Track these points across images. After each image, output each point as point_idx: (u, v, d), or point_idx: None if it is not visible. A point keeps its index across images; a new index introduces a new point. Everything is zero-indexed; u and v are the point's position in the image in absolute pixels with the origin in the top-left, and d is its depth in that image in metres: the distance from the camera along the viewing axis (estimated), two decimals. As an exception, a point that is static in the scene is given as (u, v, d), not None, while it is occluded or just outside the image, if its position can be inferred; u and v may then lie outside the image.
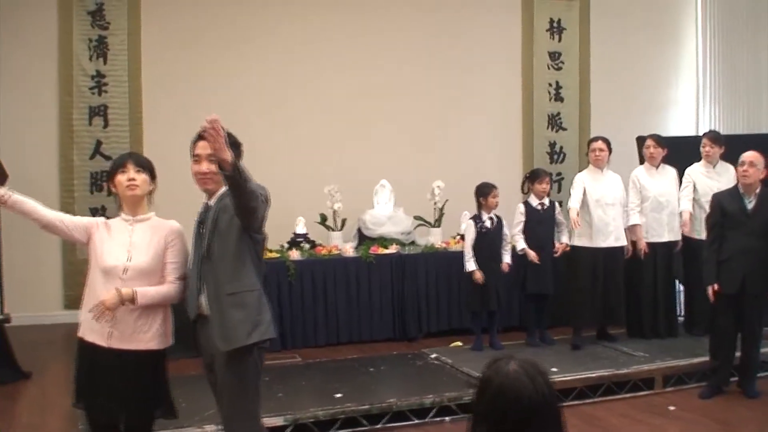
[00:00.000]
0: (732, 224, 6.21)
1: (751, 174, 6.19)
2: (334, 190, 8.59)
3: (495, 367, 2.21)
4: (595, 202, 7.37)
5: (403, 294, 8.23)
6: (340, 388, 6.15)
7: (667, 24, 10.94)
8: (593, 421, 5.95)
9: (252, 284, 3.90)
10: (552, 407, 2.19)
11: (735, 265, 6.19)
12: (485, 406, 2.18)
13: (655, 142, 7.69)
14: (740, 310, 6.27)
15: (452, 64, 9.88)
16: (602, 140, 7.59)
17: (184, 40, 9.15)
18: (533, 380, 2.17)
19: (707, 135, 7.79)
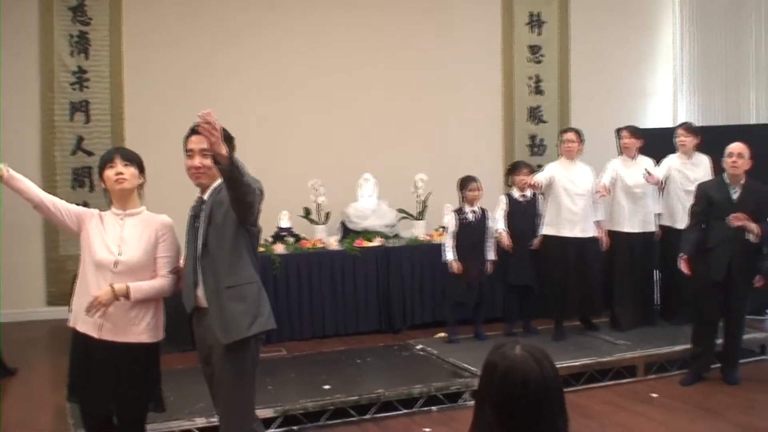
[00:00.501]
0: (718, 214, 6.31)
1: (740, 165, 6.31)
2: (318, 184, 8.64)
3: (501, 351, 2.21)
4: (564, 192, 7.40)
5: (388, 286, 8.30)
6: (328, 380, 6.22)
7: (645, 15, 11.05)
8: (577, 408, 6.02)
9: (250, 276, 3.93)
10: (558, 391, 2.20)
11: (720, 254, 6.31)
12: (492, 391, 2.18)
13: (630, 133, 7.74)
14: (725, 298, 6.38)
15: (433, 58, 9.93)
16: (573, 131, 7.65)
17: (166, 36, 9.15)
18: (540, 364, 2.18)
19: (682, 126, 7.88)
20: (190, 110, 8.88)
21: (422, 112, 9.83)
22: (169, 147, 8.75)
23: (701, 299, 6.56)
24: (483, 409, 2.20)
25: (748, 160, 6.33)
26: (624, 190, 7.64)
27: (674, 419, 5.79)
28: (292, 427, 5.62)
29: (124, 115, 9.10)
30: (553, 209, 7.42)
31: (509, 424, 2.14)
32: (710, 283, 6.39)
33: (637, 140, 7.70)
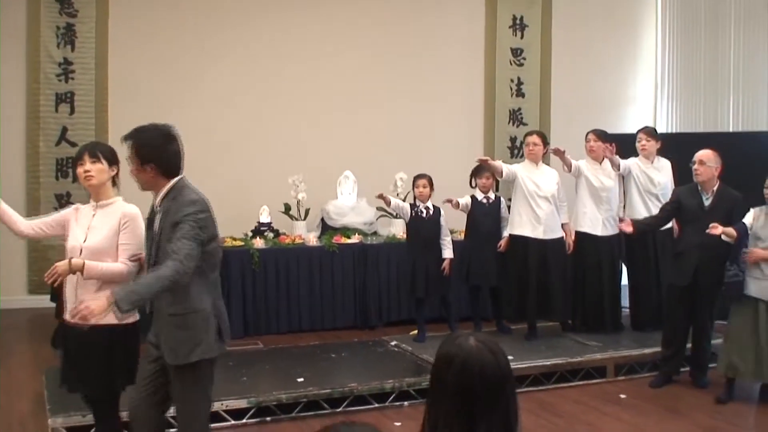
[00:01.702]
0: (689, 219, 6.43)
1: (702, 172, 6.41)
2: (299, 180, 8.71)
3: (456, 343, 2.22)
4: (528, 195, 7.48)
5: (365, 283, 8.38)
6: (303, 373, 6.30)
7: (627, 23, 11.17)
8: (547, 407, 6.16)
9: (195, 306, 3.86)
10: (511, 380, 2.23)
11: (689, 259, 6.43)
12: (449, 382, 2.18)
13: (596, 137, 7.80)
14: (692, 303, 6.51)
15: (417, 59, 10.02)
16: (537, 134, 7.74)
17: (152, 29, 9.21)
18: (494, 354, 2.20)
19: (643, 130, 7.95)
20: (174, 102, 9.08)
21: (404, 111, 9.92)
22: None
23: (669, 303, 6.72)
24: (437, 403, 2.22)
25: (714, 167, 6.42)
26: (590, 193, 7.73)
27: (642, 420, 5.90)
28: (265, 418, 5.70)
29: (108, 106, 9.15)
30: (517, 211, 7.51)
31: (466, 415, 2.17)
32: (677, 287, 6.54)
33: (604, 144, 7.78)
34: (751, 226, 6.09)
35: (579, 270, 7.77)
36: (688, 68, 10.60)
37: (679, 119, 10.73)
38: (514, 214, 7.56)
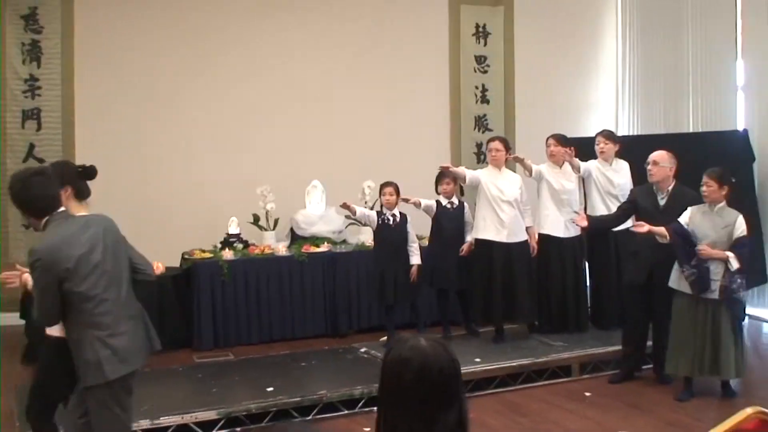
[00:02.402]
0: (645, 218, 6.53)
1: (656, 172, 6.57)
2: (267, 191, 8.78)
3: (409, 345, 2.23)
4: (492, 199, 7.60)
5: (335, 291, 8.46)
6: (273, 382, 6.37)
7: (588, 29, 11.32)
8: (514, 407, 6.27)
9: (72, 336, 4.07)
10: (460, 375, 2.29)
11: (644, 257, 6.57)
12: (409, 385, 2.18)
13: (556, 141, 7.95)
14: (650, 300, 6.65)
15: (382, 67, 10.10)
16: (499, 140, 7.89)
17: (118, 45, 9.22)
18: (447, 350, 2.25)
19: (601, 133, 8.11)
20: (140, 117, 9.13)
21: (371, 120, 10.00)
22: (120, 153, 8.93)
23: (627, 302, 6.88)
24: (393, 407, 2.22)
25: (668, 167, 6.58)
26: (551, 196, 7.87)
27: (606, 417, 6.02)
28: (234, 429, 5.77)
29: (75, 122, 9.17)
30: (482, 216, 7.64)
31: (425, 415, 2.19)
32: (634, 285, 6.69)
33: (564, 148, 7.93)
34: (687, 225, 6.23)
35: (543, 272, 7.90)
36: (648, 72, 10.78)
37: (639, 122, 10.90)
38: (479, 218, 7.68)
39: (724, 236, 6.11)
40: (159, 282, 7.88)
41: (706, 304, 6.15)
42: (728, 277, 6.05)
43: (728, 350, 6.12)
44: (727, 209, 6.19)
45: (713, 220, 6.16)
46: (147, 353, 4.41)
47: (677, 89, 10.25)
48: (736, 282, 6.06)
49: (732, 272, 6.03)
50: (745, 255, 6.07)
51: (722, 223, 6.13)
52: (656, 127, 10.52)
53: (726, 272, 6.05)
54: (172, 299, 8.06)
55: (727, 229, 6.11)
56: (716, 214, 6.17)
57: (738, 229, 6.10)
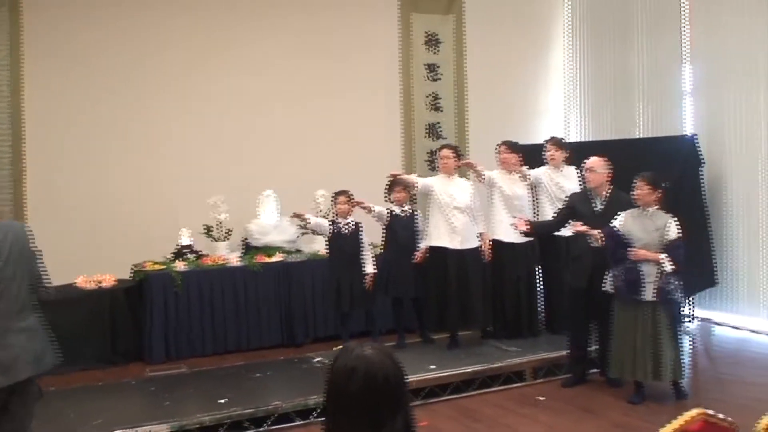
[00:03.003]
0: (583, 224, 6.66)
1: (592, 179, 6.72)
2: (219, 201, 8.71)
3: (354, 354, 2.24)
4: (444, 206, 7.69)
5: (289, 301, 8.42)
6: (226, 394, 6.33)
7: (538, 37, 11.42)
8: (468, 413, 6.31)
9: None
10: (407, 383, 2.29)
11: (584, 262, 6.68)
12: (354, 394, 2.19)
13: (506, 148, 8.05)
14: (592, 304, 6.74)
15: (333, 75, 10.07)
16: (449, 148, 8.00)
17: (68, 55, 9.05)
18: (392, 358, 2.26)
19: (550, 140, 8.21)
20: (90, 127, 9.00)
21: (323, 128, 9.97)
22: (70, 164, 8.80)
23: (571, 306, 6.97)
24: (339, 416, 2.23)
25: (604, 173, 6.70)
26: (503, 202, 7.94)
27: (559, 421, 6.08)
28: (188, 442, 5.73)
29: (25, 133, 8.99)
30: (434, 223, 7.70)
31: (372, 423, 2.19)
32: (576, 290, 6.78)
33: (515, 155, 8.00)
34: (621, 228, 6.32)
35: (497, 277, 7.97)
36: (597, 79, 10.92)
37: (589, 128, 11.03)
38: (431, 226, 7.73)
39: (657, 239, 6.22)
40: (111, 295, 7.87)
41: (644, 306, 6.24)
42: (663, 278, 6.14)
43: (666, 352, 6.22)
44: (660, 212, 6.30)
45: (645, 224, 6.27)
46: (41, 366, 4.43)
47: (626, 95, 10.39)
48: (671, 283, 6.17)
49: (666, 274, 6.13)
50: (678, 257, 6.17)
51: (654, 226, 6.24)
52: (606, 133, 10.65)
53: (661, 274, 6.14)
54: (124, 312, 7.99)
55: (659, 232, 6.22)
56: (648, 218, 6.28)
57: (670, 232, 6.20)
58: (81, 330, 7.71)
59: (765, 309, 8.67)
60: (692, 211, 8.64)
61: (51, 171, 8.65)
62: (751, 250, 8.79)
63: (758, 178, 8.67)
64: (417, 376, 6.55)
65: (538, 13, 11.45)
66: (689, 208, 8.61)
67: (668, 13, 9.74)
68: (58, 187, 8.66)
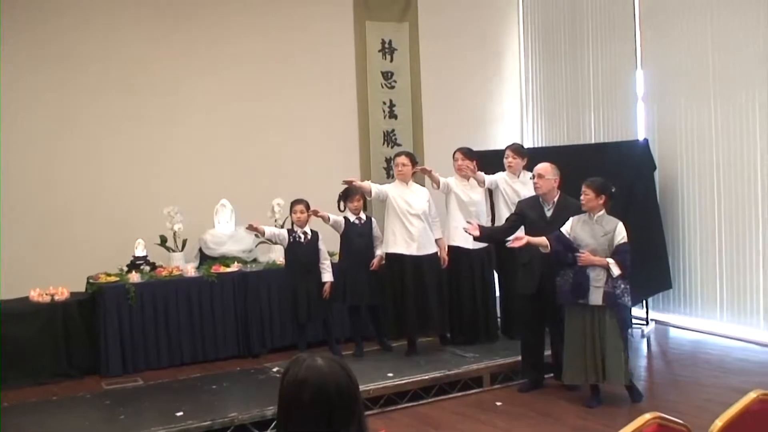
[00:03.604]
0: (533, 230, 6.70)
1: (541, 185, 6.77)
2: (174, 211, 8.62)
3: (305, 366, 2.24)
4: (400, 213, 7.70)
5: (246, 311, 8.35)
6: (182, 407, 6.28)
7: (492, 43, 11.49)
8: (427, 420, 6.30)
9: None
10: (359, 391, 2.30)
11: (534, 268, 6.74)
12: (307, 405, 2.19)
13: (462, 155, 8.08)
14: (543, 309, 6.78)
15: (289, 84, 10.03)
16: (405, 155, 8.01)
17: (19, 63, 8.87)
18: (344, 368, 2.27)
19: (510, 147, 8.25)
20: (43, 138, 8.84)
21: (278, 136, 9.92)
22: (22, 175, 8.66)
23: (522, 312, 7.03)
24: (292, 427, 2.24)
25: (553, 179, 6.77)
26: (459, 208, 7.96)
27: (517, 426, 6.10)
28: (143, 456, 5.66)
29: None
30: (391, 230, 7.70)
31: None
32: (526, 296, 6.83)
33: (471, 161, 8.03)
34: (569, 234, 6.38)
35: (454, 283, 7.99)
36: (551, 85, 11.01)
37: (544, 133, 11.12)
38: (388, 233, 7.73)
39: (605, 243, 6.27)
40: (64, 307, 7.75)
41: (592, 311, 6.29)
42: (611, 283, 6.20)
43: (616, 356, 6.26)
44: (607, 217, 6.35)
45: (593, 229, 6.32)
46: None
47: (580, 101, 10.49)
48: (619, 287, 6.21)
49: (614, 278, 6.18)
50: (625, 261, 6.22)
51: (602, 231, 6.30)
52: (560, 138, 10.75)
53: (608, 278, 6.19)
54: (78, 325, 7.88)
55: (607, 237, 6.27)
56: (596, 223, 6.33)
57: (618, 236, 6.26)
58: (35, 344, 7.61)
59: (719, 311, 8.78)
60: (646, 215, 8.74)
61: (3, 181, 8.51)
62: (705, 253, 8.90)
63: (710, 181, 8.79)
64: (375, 385, 6.54)
65: (492, 20, 11.52)
66: (643, 212, 8.72)
67: (621, 20, 9.86)
68: (8, 198, 8.51)
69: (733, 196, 8.55)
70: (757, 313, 8.37)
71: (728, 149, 8.58)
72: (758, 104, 8.24)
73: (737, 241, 8.53)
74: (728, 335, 8.55)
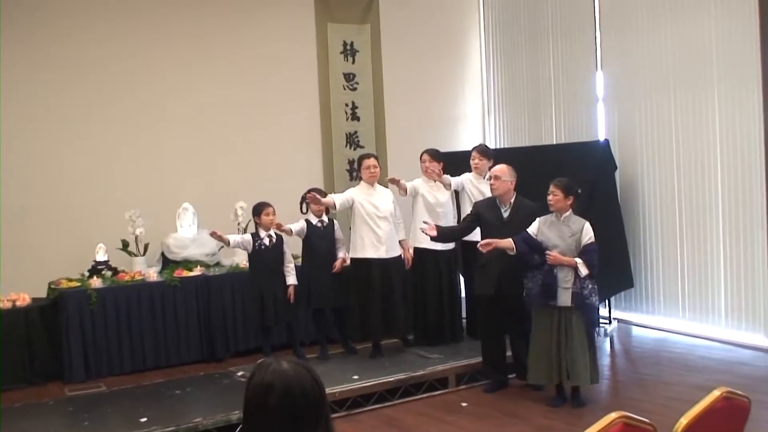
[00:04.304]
0: (490, 231, 6.73)
1: (497, 186, 6.82)
2: (135, 215, 8.54)
3: (270, 370, 2.24)
4: (367, 216, 7.71)
5: (210, 315, 8.29)
6: (146, 412, 6.22)
7: (454, 45, 11.53)
8: (392, 422, 6.30)
9: None
10: (326, 395, 2.30)
11: (491, 269, 6.76)
12: (273, 410, 2.18)
13: (430, 157, 8.11)
14: (501, 311, 6.82)
15: (251, 86, 9.98)
16: (374, 157, 8.02)
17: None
18: (310, 372, 2.26)
19: (476, 148, 8.29)
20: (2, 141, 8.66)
21: (241, 139, 9.87)
22: None
23: (481, 313, 7.06)
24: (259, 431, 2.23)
25: (509, 181, 6.83)
26: (426, 209, 7.99)
27: (482, 426, 6.12)
28: (107, 462, 5.60)
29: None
30: (359, 234, 7.70)
31: None
32: (485, 297, 6.86)
33: (438, 163, 8.06)
34: (536, 235, 6.42)
35: (419, 284, 8.02)
36: (512, 87, 11.09)
37: (506, 134, 11.19)
38: (356, 238, 7.72)
39: (572, 244, 6.31)
40: (26, 313, 7.65)
41: (560, 311, 6.32)
42: (579, 283, 6.24)
43: (582, 356, 6.30)
44: (574, 217, 6.39)
45: (560, 229, 6.35)
46: None
47: (541, 102, 10.57)
48: (587, 288, 6.26)
49: (582, 278, 6.22)
50: (593, 261, 6.27)
51: (569, 232, 6.33)
52: (522, 139, 10.82)
53: (576, 279, 6.24)
54: (39, 331, 7.76)
55: (575, 237, 6.31)
56: (563, 223, 6.37)
57: (585, 236, 6.30)
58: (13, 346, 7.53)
59: (681, 309, 8.88)
60: (608, 214, 8.83)
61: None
62: (666, 252, 9.00)
63: (670, 181, 8.89)
64: (340, 387, 6.52)
65: (453, 22, 11.56)
66: (605, 211, 8.80)
67: (581, 21, 9.94)
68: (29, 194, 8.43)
69: (693, 195, 8.66)
70: (718, 310, 8.48)
71: (688, 149, 8.69)
72: (717, 104, 8.36)
73: (698, 240, 8.64)
74: (691, 333, 8.66)
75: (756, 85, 7.91)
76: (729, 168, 8.29)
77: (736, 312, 8.32)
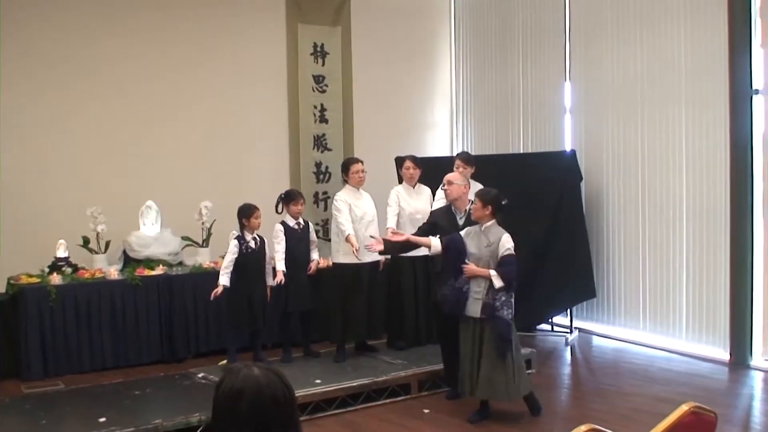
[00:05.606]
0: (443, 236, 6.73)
1: (451, 191, 6.85)
2: (97, 212, 8.41)
3: (240, 376, 2.23)
4: (357, 220, 7.73)
5: (171, 315, 8.21)
6: (105, 413, 6.12)
7: (424, 51, 11.52)
8: (354, 427, 6.28)
9: None
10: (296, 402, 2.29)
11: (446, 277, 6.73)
12: (243, 416, 2.17)
13: (413, 163, 8.17)
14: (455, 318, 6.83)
15: (219, 86, 9.88)
16: (362, 162, 8.01)
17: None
18: (280, 377, 2.25)
19: (459, 156, 8.29)
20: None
21: (208, 138, 9.77)
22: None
23: (438, 320, 7.06)
24: None
25: (462, 185, 6.87)
26: (406, 217, 8.03)
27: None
28: (63, 462, 5.51)
29: None
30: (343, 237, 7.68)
31: None
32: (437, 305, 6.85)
33: (419, 169, 8.12)
34: None
35: (394, 287, 8.17)
36: (481, 95, 11.12)
37: (474, 142, 11.21)
38: (342, 242, 7.70)
39: (487, 254, 6.22)
40: (-18, 309, 7.52)
41: (476, 322, 6.23)
42: (491, 294, 6.14)
43: (492, 370, 6.16)
44: (495, 228, 6.30)
45: (480, 239, 6.30)
46: None
47: (509, 111, 10.62)
48: (499, 300, 6.12)
49: (495, 290, 6.14)
50: (509, 273, 6.13)
51: (486, 242, 6.25)
52: (490, 147, 10.85)
53: (489, 290, 6.17)
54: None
55: (491, 248, 6.21)
56: (483, 233, 6.32)
57: (502, 248, 6.18)
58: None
59: (642, 320, 8.96)
60: (572, 224, 8.90)
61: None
62: (629, 263, 9.08)
63: (635, 193, 8.97)
64: (303, 391, 6.47)
65: (424, 28, 11.56)
66: (569, 221, 8.88)
67: (550, 33, 10.00)
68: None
69: (657, 208, 8.74)
70: (680, 323, 8.56)
71: (654, 161, 8.77)
72: (684, 117, 8.45)
73: (661, 252, 8.72)
74: (651, 345, 8.74)
75: (723, 99, 8.00)
76: (694, 181, 8.38)
77: (696, 325, 8.41)
